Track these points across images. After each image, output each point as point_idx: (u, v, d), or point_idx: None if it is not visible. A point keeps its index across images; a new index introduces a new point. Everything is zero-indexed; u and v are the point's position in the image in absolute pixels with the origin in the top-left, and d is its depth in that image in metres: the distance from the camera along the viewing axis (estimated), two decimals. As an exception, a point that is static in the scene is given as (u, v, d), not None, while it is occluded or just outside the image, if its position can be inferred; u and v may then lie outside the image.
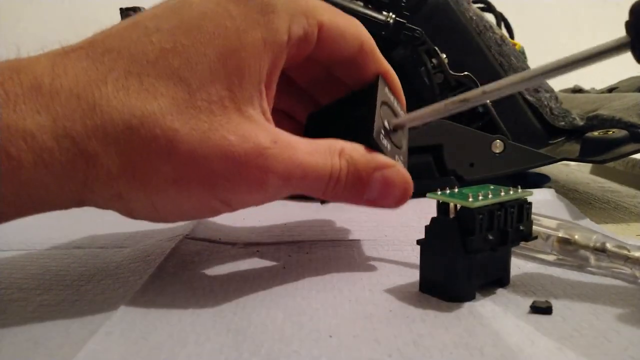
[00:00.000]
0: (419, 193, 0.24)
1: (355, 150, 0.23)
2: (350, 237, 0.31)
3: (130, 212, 0.21)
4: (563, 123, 0.44)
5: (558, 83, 0.58)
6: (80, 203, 0.20)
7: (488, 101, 0.42)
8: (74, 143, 0.18)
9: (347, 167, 0.22)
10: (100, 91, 0.19)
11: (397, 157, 0.25)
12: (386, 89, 0.26)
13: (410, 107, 0.44)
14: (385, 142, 0.24)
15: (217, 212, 0.22)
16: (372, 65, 0.26)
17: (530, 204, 0.23)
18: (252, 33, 0.21)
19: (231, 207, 0.21)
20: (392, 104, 0.26)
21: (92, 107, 0.19)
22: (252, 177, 0.20)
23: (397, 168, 0.23)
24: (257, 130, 0.21)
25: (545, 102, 0.44)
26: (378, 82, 0.25)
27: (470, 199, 0.20)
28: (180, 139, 0.19)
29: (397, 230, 0.32)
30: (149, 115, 0.19)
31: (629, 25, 0.19)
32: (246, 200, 0.21)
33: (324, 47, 0.24)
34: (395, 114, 0.26)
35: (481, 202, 0.20)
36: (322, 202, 0.27)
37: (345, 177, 0.22)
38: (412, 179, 0.42)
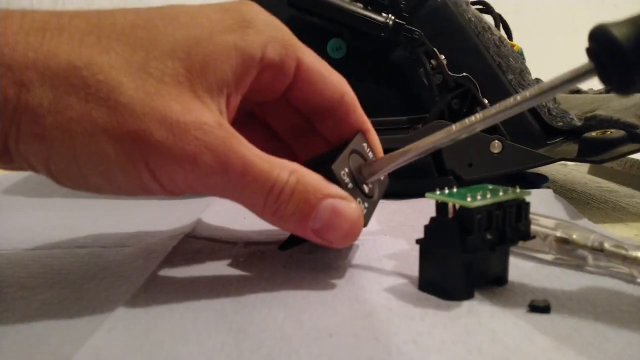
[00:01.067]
0: (418, 193, 0.24)
1: (309, 174, 0.22)
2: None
3: (49, 166, 0.20)
4: (561, 123, 0.44)
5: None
6: (4, 149, 0.20)
7: (486, 101, 0.42)
8: (9, 70, 0.18)
9: (295, 185, 0.21)
10: (52, 36, 0.19)
11: (359, 200, 0.24)
12: (364, 144, 0.27)
13: (409, 109, 0.44)
14: (346, 179, 0.23)
15: (145, 187, 0.21)
16: (353, 120, 0.26)
17: (528, 203, 0.23)
18: (225, 35, 0.21)
19: (158, 182, 0.20)
20: (366, 156, 0.26)
21: (40, 45, 0.19)
22: (186, 149, 0.19)
23: (350, 202, 0.22)
24: (205, 110, 0.20)
25: (544, 103, 0.45)
26: (355, 135, 0.26)
27: (469, 199, 0.20)
28: (121, 91, 0.19)
29: (396, 230, 0.32)
30: (95, 64, 0.19)
31: (590, 52, 0.19)
32: (175, 176, 0.20)
33: (302, 89, 0.24)
34: (369, 167, 0.26)
35: (480, 202, 0.20)
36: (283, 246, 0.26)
37: (291, 195, 0.21)
38: (411, 178, 0.42)
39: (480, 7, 0.55)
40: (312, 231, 0.22)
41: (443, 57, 0.42)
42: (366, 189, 0.25)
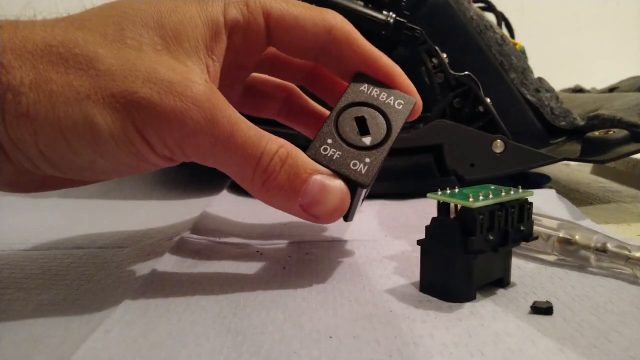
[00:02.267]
0: (419, 193, 0.24)
1: (298, 150, 0.22)
2: (351, 237, 0.30)
3: (39, 146, 0.19)
4: (564, 123, 0.44)
5: (559, 83, 0.57)
6: None
7: (488, 100, 0.42)
8: None
9: (286, 158, 0.21)
10: (25, 26, 0.20)
11: (355, 161, 0.23)
12: (364, 86, 0.25)
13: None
14: (329, 152, 0.23)
15: (136, 153, 0.20)
16: (351, 53, 0.25)
17: (531, 204, 0.22)
18: (187, 7, 0.22)
19: (149, 145, 0.20)
20: (377, 100, 0.24)
21: (13, 33, 0.19)
22: (173, 105, 0.19)
23: (337, 180, 0.22)
24: (189, 70, 0.21)
25: (546, 102, 0.44)
26: (347, 88, 0.24)
27: (471, 199, 0.20)
28: (100, 60, 0.19)
29: (398, 231, 0.32)
30: (70, 40, 0.20)
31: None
32: (164, 135, 0.20)
33: (285, 39, 0.24)
34: (383, 111, 0.24)
35: (482, 202, 0.20)
36: (345, 218, 0.25)
37: (281, 167, 0.21)
38: (413, 178, 0.42)
39: (482, 5, 0.55)
40: (300, 206, 0.22)
41: (445, 55, 0.42)
42: (368, 140, 0.23)
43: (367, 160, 0.23)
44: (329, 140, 0.23)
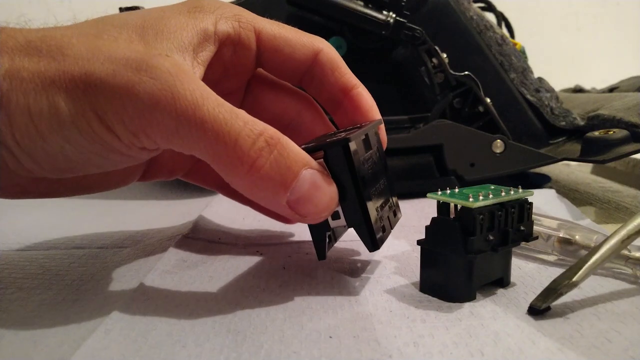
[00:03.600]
0: (419, 193, 0.24)
1: (286, 137, 0.20)
2: (351, 238, 0.30)
3: (14, 135, 0.19)
4: (564, 123, 0.44)
5: (559, 83, 0.57)
6: None
7: (488, 100, 0.42)
8: None
9: (275, 146, 0.19)
10: (7, 31, 0.20)
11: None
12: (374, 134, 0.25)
13: (411, 108, 0.44)
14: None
15: (102, 142, 0.19)
16: (333, 79, 0.25)
17: (531, 204, 0.22)
18: (177, 16, 0.22)
19: (111, 131, 0.19)
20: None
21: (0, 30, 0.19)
22: (127, 79, 0.18)
23: (328, 177, 0.21)
24: (156, 51, 0.20)
25: (546, 102, 0.44)
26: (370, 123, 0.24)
27: (471, 199, 0.20)
28: (70, 47, 0.19)
29: (398, 231, 0.32)
30: (49, 36, 0.20)
31: None
32: (123, 116, 0.19)
33: (273, 58, 0.25)
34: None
35: (482, 202, 0.20)
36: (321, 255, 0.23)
37: (269, 155, 0.19)
38: (412, 178, 0.42)
39: (482, 5, 0.54)
40: (288, 202, 0.20)
41: (445, 55, 0.42)
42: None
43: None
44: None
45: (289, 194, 0.20)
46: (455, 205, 0.21)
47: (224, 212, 0.36)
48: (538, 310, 0.20)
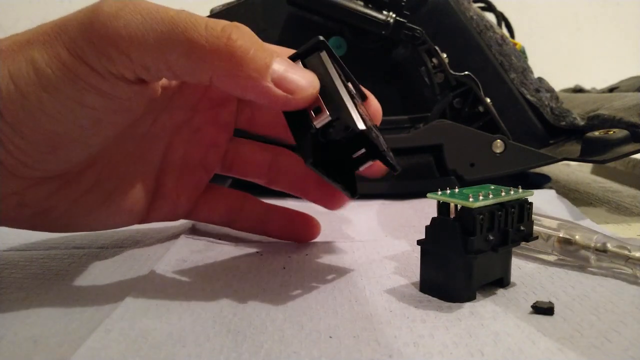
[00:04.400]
0: (419, 193, 0.24)
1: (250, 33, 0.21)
2: (351, 238, 0.30)
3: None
4: (564, 123, 0.44)
5: (559, 83, 0.57)
6: None
7: (488, 100, 0.42)
8: None
9: (245, 30, 0.20)
10: None
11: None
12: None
13: (411, 108, 0.44)
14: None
15: (75, 77, 0.20)
16: None
17: (531, 204, 0.22)
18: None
19: (82, 59, 0.19)
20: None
21: None
22: (92, 8, 0.19)
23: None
24: None
25: (546, 102, 0.44)
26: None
27: (471, 199, 0.20)
28: (59, 19, 0.20)
29: (398, 231, 0.32)
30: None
31: None
32: (90, 36, 0.19)
33: None
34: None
35: (482, 202, 0.20)
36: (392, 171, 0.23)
37: (240, 35, 0.20)
38: (413, 178, 0.42)
39: (482, 5, 0.55)
40: (273, 80, 0.20)
41: (445, 55, 0.42)
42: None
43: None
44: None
45: (271, 72, 0.20)
46: (456, 205, 0.21)
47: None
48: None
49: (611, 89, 0.57)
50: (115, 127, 0.22)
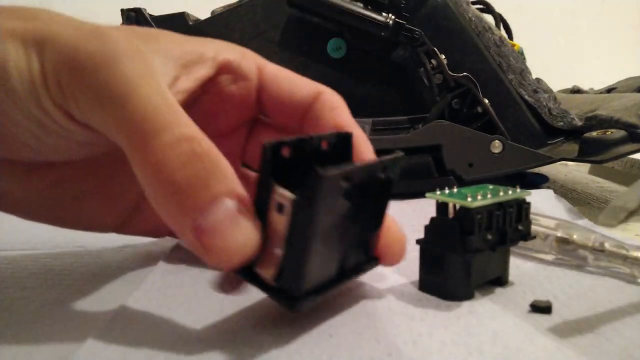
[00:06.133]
0: (418, 193, 0.24)
1: (222, 157, 0.17)
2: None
3: None
4: (562, 123, 0.44)
5: (557, 83, 0.58)
6: None
7: (487, 101, 0.42)
8: None
9: (201, 156, 0.16)
10: None
11: None
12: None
13: (409, 108, 0.44)
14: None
15: (36, 93, 0.18)
16: (331, 121, 0.23)
17: (529, 203, 0.23)
18: (176, 36, 0.22)
19: (45, 81, 0.18)
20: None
21: None
22: (74, 35, 0.18)
23: (255, 220, 0.17)
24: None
25: (544, 103, 0.45)
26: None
27: (469, 199, 0.20)
28: (48, 14, 0.19)
29: (397, 230, 0.32)
30: (33, 6, 0.19)
31: None
32: (59, 67, 0.17)
33: (273, 94, 0.24)
34: None
35: (480, 202, 0.20)
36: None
37: (187, 165, 0.16)
38: (411, 179, 0.42)
39: (481, 6, 0.55)
40: (194, 228, 0.16)
41: (443, 56, 0.42)
42: None
43: None
44: None
45: (198, 216, 0.16)
46: (454, 205, 0.21)
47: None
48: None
49: (609, 90, 0.57)
50: (77, 154, 0.21)
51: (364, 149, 0.22)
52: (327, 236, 0.17)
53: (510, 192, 0.22)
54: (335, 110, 0.23)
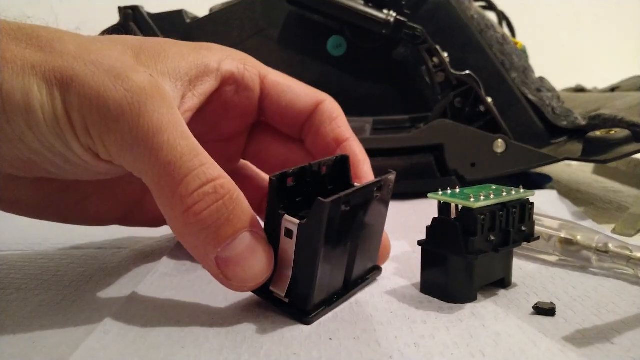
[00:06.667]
0: (420, 193, 0.24)
1: (240, 192, 0.19)
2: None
3: None
4: (565, 123, 0.44)
5: (560, 82, 0.57)
6: None
7: (489, 99, 0.42)
8: None
9: (223, 196, 0.18)
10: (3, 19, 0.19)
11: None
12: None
13: (411, 107, 0.44)
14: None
15: (62, 134, 0.19)
16: (329, 130, 0.25)
17: (532, 204, 0.22)
18: (180, 48, 0.22)
19: (72, 127, 0.18)
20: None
21: None
22: (101, 84, 0.18)
23: (269, 247, 0.19)
24: (141, 68, 0.20)
25: (548, 102, 0.44)
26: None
27: (472, 199, 0.20)
28: (61, 41, 0.19)
29: (398, 231, 0.31)
30: (43, 28, 0.20)
31: None
32: (86, 116, 0.18)
33: (274, 102, 0.25)
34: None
35: (483, 202, 0.20)
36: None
37: (213, 204, 0.18)
38: (413, 178, 0.42)
39: (484, 4, 0.54)
40: (216, 258, 0.18)
41: (446, 54, 0.42)
42: None
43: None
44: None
45: (220, 250, 0.18)
46: (456, 206, 0.21)
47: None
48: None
49: (612, 89, 0.57)
50: (90, 177, 0.22)
51: (362, 167, 0.24)
52: (332, 253, 0.19)
53: (513, 192, 0.22)
54: (334, 121, 0.25)
